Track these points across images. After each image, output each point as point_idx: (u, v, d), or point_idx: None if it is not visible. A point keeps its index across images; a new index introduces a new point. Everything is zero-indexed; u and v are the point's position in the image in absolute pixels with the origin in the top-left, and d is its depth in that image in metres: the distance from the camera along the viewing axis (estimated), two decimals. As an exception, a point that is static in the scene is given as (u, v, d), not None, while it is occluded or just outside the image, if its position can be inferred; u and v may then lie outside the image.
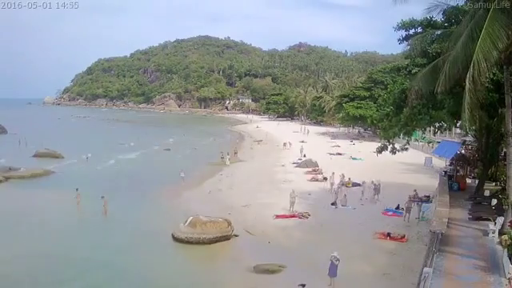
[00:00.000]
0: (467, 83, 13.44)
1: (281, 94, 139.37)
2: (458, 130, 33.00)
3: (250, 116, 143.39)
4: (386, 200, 26.78)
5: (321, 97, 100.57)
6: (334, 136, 75.79)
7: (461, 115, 14.62)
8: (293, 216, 24.22)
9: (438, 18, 19.38)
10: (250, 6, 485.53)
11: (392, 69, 60.90)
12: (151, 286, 16.43)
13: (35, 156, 46.24)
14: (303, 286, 15.00)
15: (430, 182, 29.88)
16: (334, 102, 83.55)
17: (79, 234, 21.62)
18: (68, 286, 16.20)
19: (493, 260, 13.05)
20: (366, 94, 70.57)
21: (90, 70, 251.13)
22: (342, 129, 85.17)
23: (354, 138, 71.10)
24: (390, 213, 24.16)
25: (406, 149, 24.03)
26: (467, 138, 27.07)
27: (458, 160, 26.03)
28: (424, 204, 24.13)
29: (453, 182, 23.88)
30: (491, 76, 16.10)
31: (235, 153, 51.59)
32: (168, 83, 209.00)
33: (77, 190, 27.79)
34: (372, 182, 28.91)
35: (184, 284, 16.66)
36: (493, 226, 15.47)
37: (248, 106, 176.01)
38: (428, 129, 30.56)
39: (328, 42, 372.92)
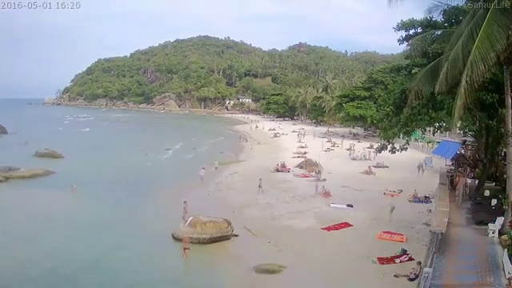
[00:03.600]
0: (463, 82, 13.45)
1: (281, 94, 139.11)
2: (458, 130, 33.02)
3: (252, 116, 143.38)
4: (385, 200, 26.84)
5: (321, 97, 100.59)
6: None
7: (452, 113, 14.62)
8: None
9: (438, 18, 19.40)
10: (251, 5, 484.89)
11: (392, 69, 60.76)
12: (151, 286, 16.43)
13: (35, 156, 46.22)
14: None
15: (430, 182, 29.89)
16: (334, 102, 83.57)
17: (80, 234, 21.60)
18: (69, 285, 16.19)
19: (493, 260, 13.05)
20: (366, 94, 70.57)
21: (89, 70, 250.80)
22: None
23: (353, 138, 71.16)
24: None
25: (406, 148, 24.04)
26: (467, 138, 27.07)
27: (458, 160, 26.04)
28: None
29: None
30: (491, 76, 16.09)
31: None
32: (168, 83, 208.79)
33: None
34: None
35: (184, 284, 16.67)
36: (493, 226, 15.48)
37: (248, 106, 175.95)
38: (428, 129, 30.61)
39: (328, 42, 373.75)
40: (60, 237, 21.21)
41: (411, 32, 20.62)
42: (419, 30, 20.37)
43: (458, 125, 21.67)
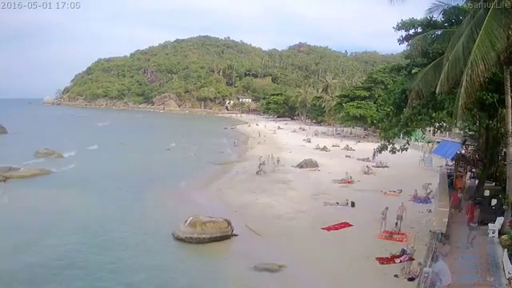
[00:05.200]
0: (463, 82, 13.46)
1: (281, 94, 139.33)
2: (458, 130, 33.04)
3: (252, 116, 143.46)
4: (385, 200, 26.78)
5: (321, 97, 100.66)
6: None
7: (453, 113, 14.64)
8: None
9: (439, 18, 19.40)
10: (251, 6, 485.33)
11: (392, 69, 60.78)
12: (151, 285, 16.42)
13: (35, 156, 46.17)
14: None
15: (430, 182, 29.84)
16: (334, 102, 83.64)
17: (80, 234, 21.58)
18: (68, 284, 16.19)
19: (493, 260, 13.06)
20: (366, 94, 70.66)
21: (89, 70, 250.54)
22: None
23: (353, 139, 71.28)
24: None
25: (406, 149, 24.02)
26: (467, 138, 27.07)
27: (458, 160, 26.02)
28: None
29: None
30: (491, 76, 16.09)
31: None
32: (168, 83, 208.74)
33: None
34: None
35: (184, 283, 16.65)
36: (493, 226, 15.49)
37: (248, 106, 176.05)
38: (428, 128, 30.60)
39: (328, 42, 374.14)
40: (59, 236, 21.17)
41: (411, 32, 20.60)
42: (419, 29, 20.35)
43: (458, 124, 21.65)
